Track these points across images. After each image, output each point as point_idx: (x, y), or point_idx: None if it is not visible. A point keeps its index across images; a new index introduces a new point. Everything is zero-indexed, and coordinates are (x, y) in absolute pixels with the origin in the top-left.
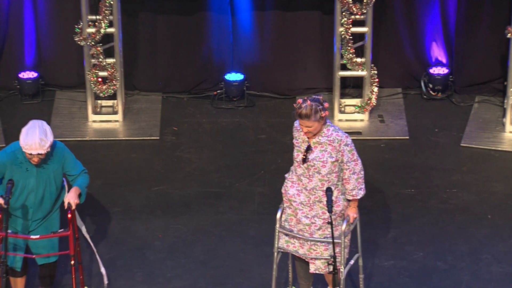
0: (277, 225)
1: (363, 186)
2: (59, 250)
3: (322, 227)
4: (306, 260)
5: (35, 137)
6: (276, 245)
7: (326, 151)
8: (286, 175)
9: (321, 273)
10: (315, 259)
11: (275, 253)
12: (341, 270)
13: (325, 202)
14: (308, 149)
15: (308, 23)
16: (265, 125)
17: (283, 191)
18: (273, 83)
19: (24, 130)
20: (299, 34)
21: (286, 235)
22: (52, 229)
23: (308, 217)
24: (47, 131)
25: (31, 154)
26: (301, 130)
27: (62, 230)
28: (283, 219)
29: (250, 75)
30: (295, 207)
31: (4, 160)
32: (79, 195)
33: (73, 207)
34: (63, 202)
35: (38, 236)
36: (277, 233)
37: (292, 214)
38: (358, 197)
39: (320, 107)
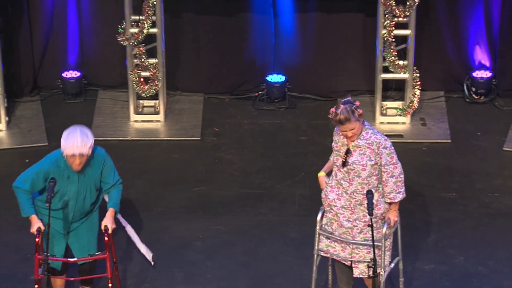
0: (317, 227)
1: (402, 190)
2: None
3: (364, 230)
4: (346, 263)
5: (76, 137)
6: (316, 247)
7: (365, 154)
8: (322, 176)
9: (364, 277)
10: (358, 262)
11: (315, 255)
12: (381, 273)
13: (366, 205)
14: (348, 152)
15: (350, 25)
16: (306, 127)
17: (323, 195)
18: (315, 85)
19: (65, 133)
20: (341, 36)
21: (327, 238)
22: (92, 230)
23: (350, 221)
24: (87, 133)
25: (73, 155)
26: (341, 133)
27: (99, 253)
28: (323, 222)
29: (291, 77)
30: (336, 212)
31: (48, 169)
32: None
33: (110, 231)
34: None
35: (76, 259)
36: (317, 236)
37: (333, 218)
38: (396, 201)
39: (354, 106)
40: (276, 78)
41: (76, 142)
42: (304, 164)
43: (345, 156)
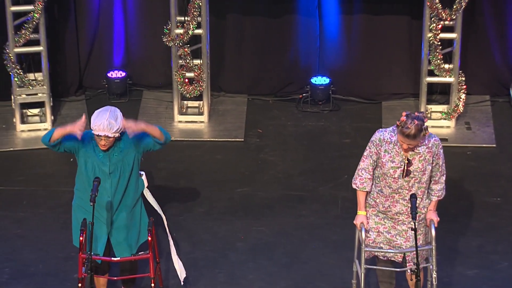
0: (362, 246)
1: (445, 186)
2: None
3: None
4: (396, 260)
5: (103, 119)
6: (363, 265)
7: (425, 159)
8: (363, 215)
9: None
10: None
11: (362, 274)
12: (434, 276)
13: (422, 207)
14: (409, 162)
15: (396, 28)
16: (350, 130)
17: (372, 202)
18: (359, 88)
19: (96, 112)
20: (387, 38)
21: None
22: (135, 227)
23: (405, 223)
24: (118, 116)
25: (98, 135)
26: (393, 142)
27: (142, 252)
28: (369, 226)
29: (336, 79)
30: (390, 216)
31: (86, 136)
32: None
33: (129, 125)
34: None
35: (119, 258)
36: (363, 254)
37: (380, 222)
38: (442, 197)
39: (424, 126)
40: (320, 80)
41: (102, 123)
42: (347, 167)
43: (407, 166)
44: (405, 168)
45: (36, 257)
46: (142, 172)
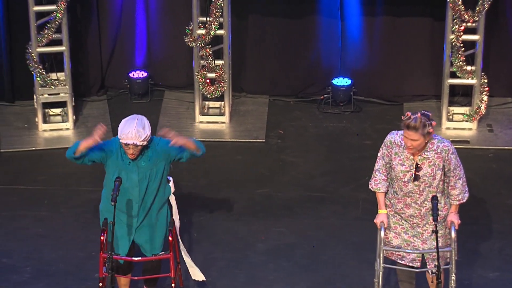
0: (381, 245)
1: (467, 189)
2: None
3: (433, 235)
4: (415, 265)
5: (132, 127)
6: (381, 264)
7: (435, 164)
8: (385, 213)
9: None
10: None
11: (381, 272)
12: (452, 278)
13: (436, 211)
14: (417, 167)
15: (418, 29)
16: (371, 131)
17: (387, 203)
18: (381, 89)
19: (123, 121)
20: (409, 40)
21: (396, 235)
22: (158, 228)
23: (420, 226)
24: (145, 124)
25: (126, 144)
26: (403, 146)
27: (163, 252)
28: (388, 224)
29: (357, 80)
30: (404, 218)
31: (113, 146)
32: (194, 149)
33: (171, 135)
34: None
35: (139, 258)
36: (382, 252)
37: (397, 222)
38: (464, 201)
39: (429, 122)
40: (342, 81)
41: (131, 132)
42: (368, 168)
43: (416, 171)
44: (414, 172)
45: (57, 256)
46: (170, 178)
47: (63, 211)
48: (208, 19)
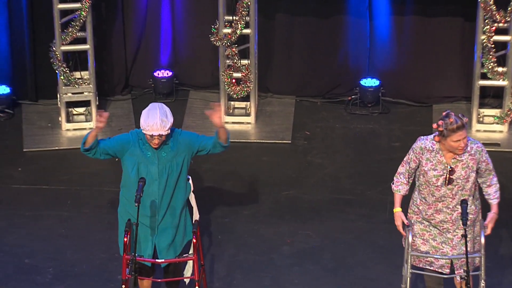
0: (409, 250)
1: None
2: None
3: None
4: (443, 271)
5: (156, 118)
6: (408, 270)
7: (468, 166)
8: (399, 211)
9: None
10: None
11: (408, 278)
12: (482, 284)
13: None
14: (451, 170)
15: (448, 29)
16: (400, 133)
17: (415, 209)
18: (410, 90)
19: (144, 112)
20: (439, 40)
21: (424, 241)
22: (180, 225)
23: (450, 231)
24: (167, 112)
25: (151, 135)
26: (435, 150)
27: (186, 254)
28: (413, 231)
29: (386, 81)
30: (434, 224)
31: (130, 139)
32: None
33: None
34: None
35: (163, 260)
36: (409, 257)
37: (425, 229)
38: (500, 199)
39: (462, 115)
40: (370, 82)
41: (155, 123)
42: (396, 171)
43: (449, 174)
44: (448, 176)
45: (80, 258)
46: (189, 176)
47: (86, 212)
48: (234, 18)
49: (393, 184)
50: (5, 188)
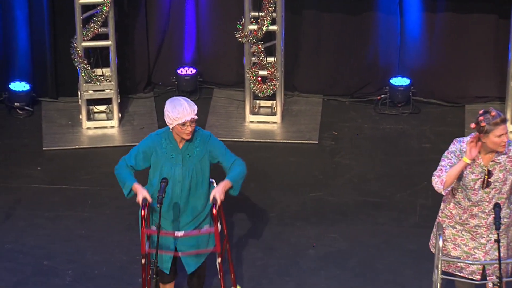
0: (440, 254)
1: None
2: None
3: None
4: (474, 278)
5: (183, 104)
6: (439, 275)
7: (506, 169)
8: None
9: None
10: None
11: (438, 284)
12: None
13: (502, 217)
14: (489, 173)
15: (482, 27)
16: (430, 134)
17: (448, 213)
18: (441, 90)
19: (168, 105)
20: (472, 38)
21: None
22: (202, 238)
23: (484, 237)
24: (188, 99)
25: (184, 123)
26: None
27: (207, 225)
28: (444, 236)
29: (416, 80)
30: (467, 229)
31: (151, 143)
32: (230, 189)
33: (219, 203)
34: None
35: (182, 233)
36: (440, 262)
37: (457, 234)
38: None
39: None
40: (400, 81)
41: (185, 108)
42: (426, 173)
43: (487, 177)
44: (485, 179)
45: (100, 259)
46: (213, 180)
47: (107, 212)
48: (260, 14)
49: (435, 179)
50: (24, 188)
